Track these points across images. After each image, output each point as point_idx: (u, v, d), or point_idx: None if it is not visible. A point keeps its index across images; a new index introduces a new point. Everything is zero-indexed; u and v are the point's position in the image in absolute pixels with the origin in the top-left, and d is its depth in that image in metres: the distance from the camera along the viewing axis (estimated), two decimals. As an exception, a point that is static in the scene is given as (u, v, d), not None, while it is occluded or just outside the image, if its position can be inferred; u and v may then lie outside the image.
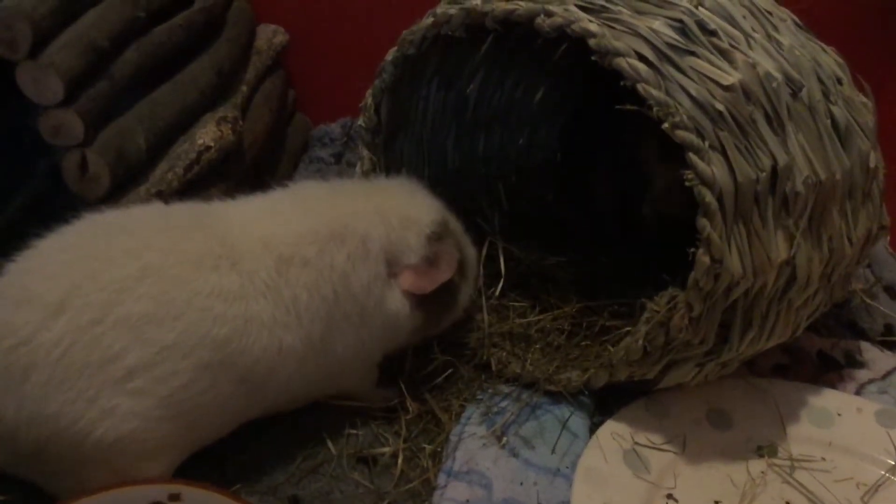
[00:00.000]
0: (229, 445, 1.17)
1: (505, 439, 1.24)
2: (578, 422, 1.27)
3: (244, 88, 1.70)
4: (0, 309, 1.04)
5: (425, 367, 1.35)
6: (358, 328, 1.18)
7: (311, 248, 1.14)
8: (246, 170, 1.63)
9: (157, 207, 1.22)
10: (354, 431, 1.25)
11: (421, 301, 1.21)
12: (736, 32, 1.16)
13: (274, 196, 1.23)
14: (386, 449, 1.23)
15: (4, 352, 1.02)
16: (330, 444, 1.23)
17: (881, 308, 1.51)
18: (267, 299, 1.10)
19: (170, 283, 1.05)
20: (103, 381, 1.02)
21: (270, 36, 1.89)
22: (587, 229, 1.63)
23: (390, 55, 1.33)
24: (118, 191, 1.35)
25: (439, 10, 1.28)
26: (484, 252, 1.49)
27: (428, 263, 1.20)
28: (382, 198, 1.22)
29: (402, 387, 1.30)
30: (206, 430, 1.13)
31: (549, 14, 1.16)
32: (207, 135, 1.48)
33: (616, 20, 1.14)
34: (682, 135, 1.08)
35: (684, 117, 1.08)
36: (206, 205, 1.21)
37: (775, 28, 1.22)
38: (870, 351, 1.44)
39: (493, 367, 1.35)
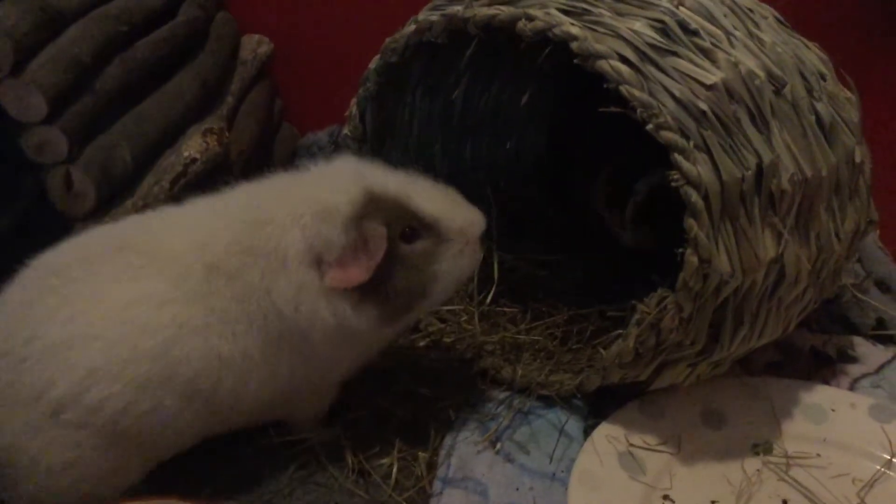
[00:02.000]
0: (220, 457, 1.17)
1: (499, 445, 1.24)
2: (572, 425, 1.27)
3: (230, 99, 1.69)
4: None
5: (416, 374, 1.34)
6: (300, 348, 1.09)
7: (234, 261, 1.07)
8: (234, 181, 1.62)
9: (93, 235, 1.15)
10: (347, 441, 1.24)
11: (365, 294, 1.07)
12: (717, 31, 1.16)
13: (207, 202, 1.15)
14: (385, 460, 1.22)
15: None
16: (322, 454, 1.22)
17: (872, 302, 1.51)
18: (197, 305, 1.05)
19: (88, 304, 1.03)
20: (39, 414, 1.02)
21: (255, 46, 1.89)
22: (577, 232, 1.63)
23: (373, 63, 1.33)
24: (105, 206, 1.35)
25: (421, 16, 1.27)
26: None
27: (354, 250, 1.05)
28: (299, 195, 1.09)
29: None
30: (162, 450, 1.10)
31: (531, 18, 1.15)
32: (193, 147, 1.48)
33: (597, 22, 1.13)
34: (667, 135, 1.08)
35: (668, 118, 1.08)
36: (141, 217, 1.18)
37: (756, 25, 1.22)
38: (862, 345, 1.44)
39: (486, 373, 1.35)
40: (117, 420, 1.03)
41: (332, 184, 1.10)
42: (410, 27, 1.28)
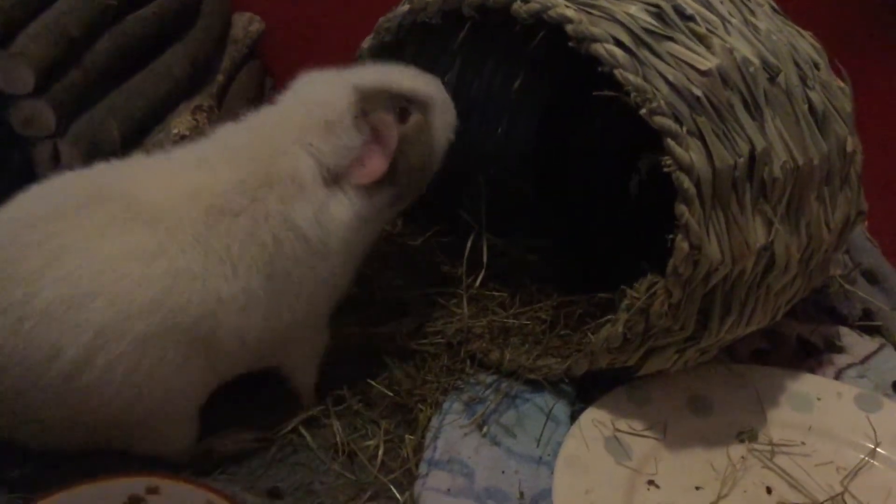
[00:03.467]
0: (205, 437, 1.16)
1: (486, 428, 1.24)
2: (559, 410, 1.27)
3: (220, 77, 1.68)
4: None
5: (404, 357, 1.34)
6: (312, 273, 1.13)
7: (242, 198, 1.09)
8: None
9: (61, 181, 1.13)
10: (333, 421, 1.24)
11: (379, 181, 1.14)
12: (713, 17, 1.16)
13: (193, 147, 1.17)
14: (370, 442, 1.22)
15: None
16: (308, 436, 1.22)
17: (860, 293, 1.52)
18: (195, 251, 1.05)
19: (78, 261, 1.01)
20: (51, 379, 1.01)
21: (246, 24, 1.88)
22: (566, 218, 1.63)
23: (367, 43, 1.32)
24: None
25: (415, -4, 1.27)
26: (469, 246, 1.48)
27: (370, 144, 1.14)
28: (296, 118, 1.14)
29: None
30: (187, 405, 1.11)
31: (526, 0, 1.15)
32: (182, 124, 1.47)
33: (593, 6, 1.13)
34: (660, 120, 1.08)
35: (662, 103, 1.08)
36: (116, 165, 1.15)
37: (752, 13, 1.21)
38: (849, 336, 1.45)
39: (474, 357, 1.35)
40: (132, 377, 1.02)
41: (323, 95, 1.15)
42: (405, 6, 1.27)
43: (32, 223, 1.04)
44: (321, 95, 1.16)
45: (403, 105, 1.17)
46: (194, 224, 1.06)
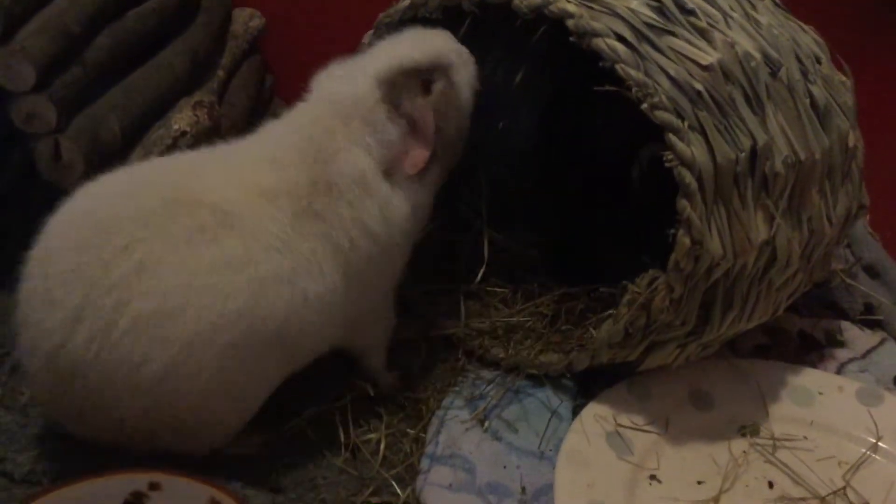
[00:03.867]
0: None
1: (487, 423, 1.24)
2: (561, 405, 1.27)
3: (220, 73, 1.68)
4: (32, 311, 1.03)
5: (406, 353, 1.34)
6: (383, 264, 1.17)
7: (320, 201, 1.10)
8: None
9: (133, 178, 1.12)
10: (335, 417, 1.24)
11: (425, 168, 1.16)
12: (714, 11, 1.16)
13: (253, 145, 1.16)
14: (371, 436, 1.22)
15: (46, 356, 1.02)
16: (310, 431, 1.22)
17: (861, 287, 1.51)
18: (281, 254, 1.06)
19: (166, 273, 1.00)
20: (136, 384, 1.01)
21: (246, 20, 1.87)
22: (567, 213, 1.63)
23: (367, 38, 1.32)
24: (93, 178, 1.34)
25: (416, -9, 1.26)
26: (467, 238, 1.48)
27: (410, 133, 1.15)
28: (338, 117, 1.14)
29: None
30: (255, 399, 1.11)
31: (527, -5, 1.15)
32: (183, 120, 1.47)
33: (594, 0, 1.13)
34: (662, 115, 1.08)
35: (663, 98, 1.08)
36: (183, 164, 1.15)
37: (753, 7, 1.21)
38: (850, 330, 1.45)
39: (476, 353, 1.35)
40: (212, 381, 1.03)
41: (356, 90, 1.14)
42: (405, 2, 1.27)
43: (118, 226, 1.02)
44: (350, 91, 1.15)
45: (425, 77, 1.16)
46: (282, 227, 1.07)
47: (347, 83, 1.16)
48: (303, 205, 1.09)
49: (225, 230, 1.04)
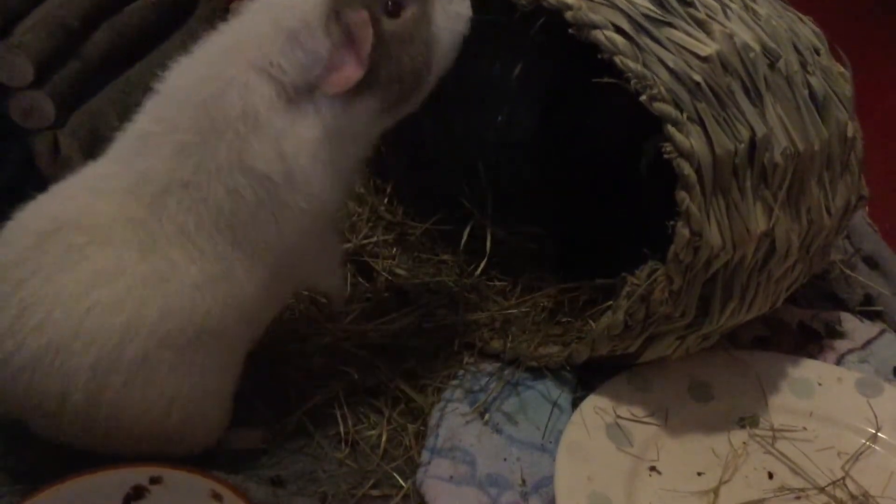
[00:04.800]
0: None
1: (487, 416, 1.24)
2: (561, 397, 1.27)
3: (219, 68, 1.67)
4: None
5: (405, 347, 1.34)
6: (285, 207, 1.01)
7: (187, 168, 0.99)
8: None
9: (18, 223, 1.05)
10: (335, 410, 1.24)
11: (358, 87, 1.00)
12: (713, 2, 1.15)
13: (135, 126, 1.06)
14: (371, 432, 1.22)
15: None
16: (310, 425, 1.22)
17: (860, 279, 1.52)
18: (154, 251, 0.99)
19: (48, 306, 0.97)
20: (78, 417, 1.01)
21: (245, 14, 1.87)
22: (567, 205, 1.63)
23: (365, 31, 1.31)
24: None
25: (414, -16, 1.26)
26: (466, 232, 1.48)
27: (342, 48, 0.98)
28: (251, 38, 1.01)
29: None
30: (220, 389, 1.09)
31: (525, -13, 1.14)
32: (182, 115, 1.47)
33: (592, -8, 1.13)
34: (660, 107, 1.08)
35: (662, 89, 1.08)
36: (60, 187, 1.07)
37: (752, -2, 1.21)
38: (849, 321, 1.45)
39: (475, 346, 1.35)
40: (147, 393, 1.01)
41: (284, 1, 1.01)
42: (403, -5, 1.26)
43: (2, 273, 1.00)
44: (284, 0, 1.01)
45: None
46: (144, 222, 1.00)
47: None
48: (160, 185, 0.99)
49: (96, 246, 0.99)
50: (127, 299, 0.98)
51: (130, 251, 0.99)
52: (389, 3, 1.01)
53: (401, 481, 1.15)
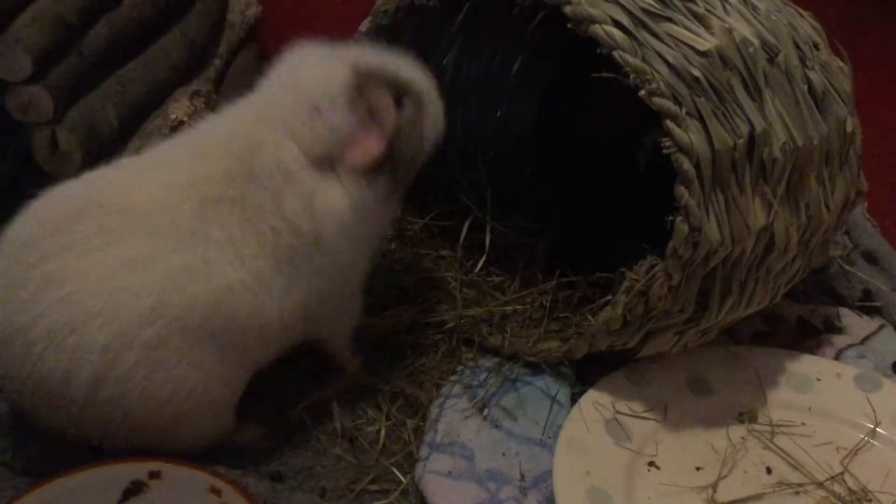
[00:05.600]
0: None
1: (486, 411, 1.24)
2: (560, 392, 1.27)
3: (217, 62, 1.67)
4: None
5: (404, 342, 1.34)
6: (319, 259, 1.10)
7: (235, 188, 1.06)
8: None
9: (54, 198, 1.09)
10: (334, 406, 1.24)
11: (373, 167, 1.10)
12: (712, -3, 1.15)
13: (177, 142, 1.15)
14: (370, 427, 1.22)
15: None
16: (309, 420, 1.22)
17: (859, 274, 1.52)
18: (192, 246, 1.03)
19: (73, 282, 0.99)
20: (73, 397, 1.01)
21: (243, 8, 1.86)
22: (566, 200, 1.63)
23: (364, 26, 1.32)
24: (91, 167, 1.33)
25: (413, -22, 1.26)
26: (465, 227, 1.48)
27: (365, 125, 1.09)
28: (279, 103, 1.10)
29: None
30: (218, 395, 1.09)
31: (525, -19, 1.14)
32: (181, 109, 1.47)
33: (591, -14, 1.12)
34: (659, 102, 1.08)
35: (661, 84, 1.08)
36: (103, 172, 1.12)
37: (751, -8, 1.21)
38: (848, 316, 1.45)
39: (474, 341, 1.35)
40: (148, 385, 1.02)
41: (315, 75, 1.11)
42: (403, -11, 1.26)
43: (27, 244, 1.03)
44: (313, 73, 1.11)
45: (399, 92, 1.13)
46: (189, 219, 1.04)
47: (316, 63, 1.12)
48: (214, 192, 1.05)
49: (131, 230, 1.02)
50: (156, 285, 1.01)
51: (167, 241, 1.03)
52: (393, 94, 1.12)
53: (399, 476, 1.15)
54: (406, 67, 1.16)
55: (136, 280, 1.01)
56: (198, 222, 1.04)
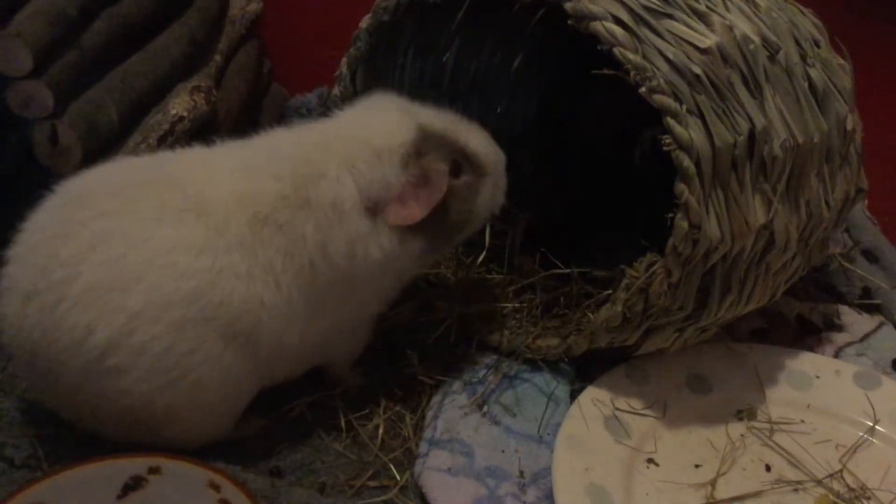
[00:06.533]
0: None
1: (486, 408, 1.24)
2: (559, 389, 1.27)
3: (217, 58, 1.67)
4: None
5: (403, 339, 1.34)
6: (344, 292, 1.12)
7: (285, 214, 1.07)
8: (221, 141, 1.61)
9: (119, 165, 1.15)
10: (334, 403, 1.24)
11: (415, 227, 1.11)
12: (713, -6, 1.15)
13: (245, 148, 1.15)
14: (370, 423, 1.22)
15: (8, 345, 1.05)
16: (309, 415, 1.22)
17: (859, 271, 1.52)
18: (240, 253, 1.05)
19: (126, 246, 1.01)
20: (84, 360, 1.01)
21: (244, 4, 1.86)
22: (566, 197, 1.63)
23: (364, 22, 1.31)
24: (91, 162, 1.33)
25: (414, -26, 1.26)
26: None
27: (414, 187, 1.10)
28: (348, 140, 1.12)
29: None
30: (217, 399, 1.09)
31: (525, -22, 1.14)
32: (181, 105, 1.46)
33: (592, -17, 1.12)
34: (660, 99, 1.08)
35: (661, 81, 1.08)
36: (173, 155, 1.16)
37: (752, -10, 1.21)
38: (848, 314, 1.45)
39: (473, 338, 1.35)
40: (161, 361, 1.02)
41: (383, 123, 1.13)
42: (404, -15, 1.26)
43: (83, 201, 1.05)
44: (383, 119, 1.13)
45: (460, 160, 1.14)
46: (240, 227, 1.06)
47: (387, 113, 1.14)
48: (264, 211, 1.07)
49: (192, 215, 1.04)
50: (202, 274, 1.03)
51: (220, 240, 1.05)
52: (453, 161, 1.13)
53: (398, 473, 1.15)
54: (476, 138, 1.18)
55: (187, 262, 1.02)
56: (248, 235, 1.06)
